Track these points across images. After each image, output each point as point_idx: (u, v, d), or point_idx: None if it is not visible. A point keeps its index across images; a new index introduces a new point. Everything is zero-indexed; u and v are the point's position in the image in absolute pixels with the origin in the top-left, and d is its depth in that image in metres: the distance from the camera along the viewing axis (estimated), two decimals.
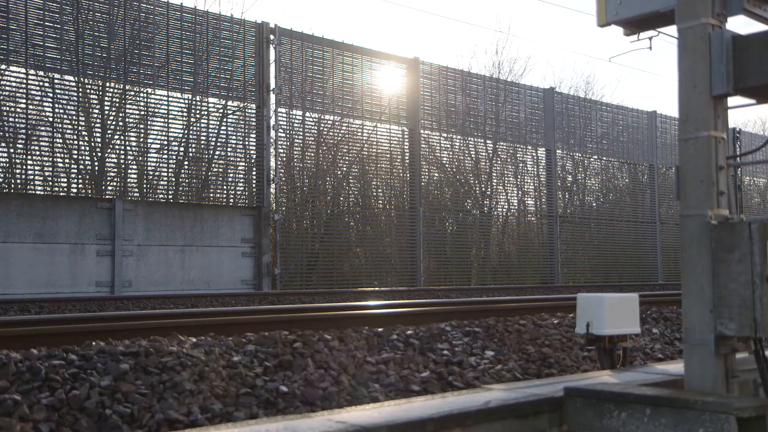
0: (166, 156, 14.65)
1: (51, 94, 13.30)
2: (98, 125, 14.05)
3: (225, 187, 15.77)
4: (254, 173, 15.43)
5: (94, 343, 4.09)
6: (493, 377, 4.53)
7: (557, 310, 7.14)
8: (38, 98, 13.20)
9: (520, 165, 20.70)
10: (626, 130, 23.51)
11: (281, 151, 15.74)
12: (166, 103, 14.41)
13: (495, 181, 20.33)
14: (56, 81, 13.36)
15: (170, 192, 14.97)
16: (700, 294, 3.30)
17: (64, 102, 13.49)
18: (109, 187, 14.08)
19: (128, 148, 14.26)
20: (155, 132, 14.43)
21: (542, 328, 5.97)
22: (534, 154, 20.84)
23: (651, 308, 7.61)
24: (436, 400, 3.23)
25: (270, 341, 4.46)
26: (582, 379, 3.81)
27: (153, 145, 14.55)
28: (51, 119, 13.27)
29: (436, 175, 18.92)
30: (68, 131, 13.64)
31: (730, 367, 3.32)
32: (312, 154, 16.77)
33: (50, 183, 13.32)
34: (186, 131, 14.82)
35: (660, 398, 3.12)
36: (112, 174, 14.24)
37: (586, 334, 4.34)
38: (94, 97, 14.06)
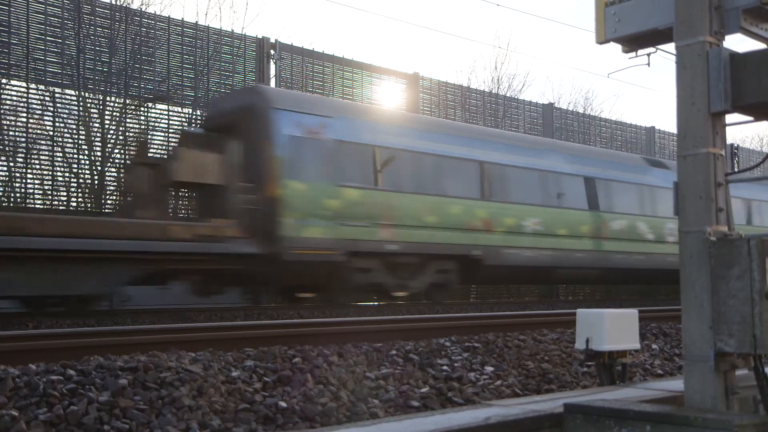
0: None
1: (51, 108, 13.34)
2: (98, 139, 14.08)
3: None
4: None
5: (92, 358, 4.08)
6: (492, 393, 4.52)
7: (557, 325, 7.12)
8: (39, 112, 13.24)
9: None
10: (625, 145, 23.58)
11: None
12: (166, 117, 14.45)
13: None
14: (57, 95, 13.41)
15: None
16: (699, 310, 3.30)
17: (65, 116, 13.53)
18: (109, 201, 14.08)
19: (128, 162, 14.27)
20: (156, 146, 14.45)
21: (542, 343, 5.96)
22: None
23: (650, 324, 7.60)
24: (435, 416, 3.22)
25: (269, 356, 4.45)
26: (582, 395, 3.81)
27: None
28: (51, 133, 13.30)
29: None
30: (68, 145, 13.66)
31: (730, 384, 3.32)
32: None
33: (50, 196, 13.33)
34: None
35: (660, 415, 3.12)
36: (112, 188, 14.25)
37: (586, 349, 4.33)
38: (94, 111, 14.09)
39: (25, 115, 13.00)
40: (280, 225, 10.71)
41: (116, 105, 14.17)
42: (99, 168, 14.04)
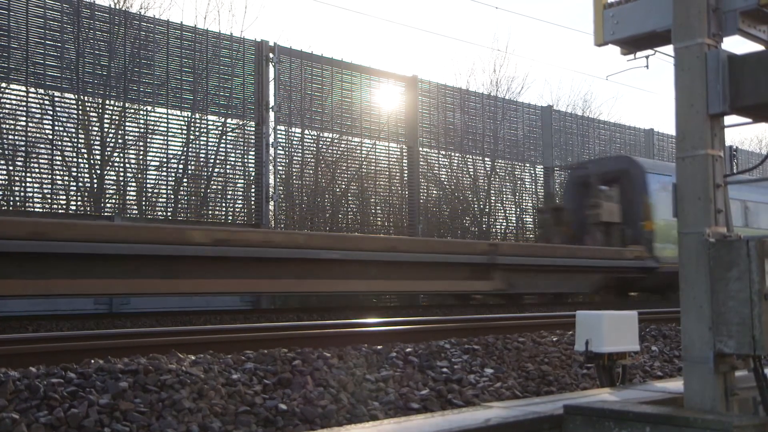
0: (165, 173, 14.66)
1: (51, 112, 13.33)
2: (97, 143, 14.06)
3: (224, 205, 15.78)
4: (253, 190, 15.44)
5: (93, 361, 4.08)
6: (492, 395, 4.52)
7: (556, 327, 7.13)
8: (38, 116, 13.23)
9: (518, 182, 20.72)
10: (624, 147, 23.59)
11: (280, 168, 15.77)
12: (165, 120, 14.45)
13: (493, 198, 20.33)
14: (56, 99, 13.39)
15: (169, 209, 14.98)
16: (698, 312, 3.30)
17: (64, 120, 13.51)
18: (108, 204, 14.08)
19: (127, 165, 14.27)
20: (154, 149, 14.43)
21: (541, 345, 5.97)
22: (532, 172, 20.89)
23: (650, 325, 7.61)
24: (435, 418, 3.22)
25: (269, 359, 4.45)
26: (581, 397, 3.81)
27: (152, 163, 14.55)
28: (50, 137, 13.29)
29: (435, 192, 18.93)
30: (68, 149, 13.65)
31: (729, 385, 3.32)
32: (311, 172, 16.79)
33: (49, 200, 13.32)
34: (185, 149, 14.83)
35: (660, 416, 3.12)
36: (111, 191, 14.23)
37: (586, 351, 4.33)
38: (93, 114, 14.07)
39: (24, 119, 12.98)
40: (654, 248, 16.29)
41: (115, 108, 14.17)
42: (98, 171, 14.04)
